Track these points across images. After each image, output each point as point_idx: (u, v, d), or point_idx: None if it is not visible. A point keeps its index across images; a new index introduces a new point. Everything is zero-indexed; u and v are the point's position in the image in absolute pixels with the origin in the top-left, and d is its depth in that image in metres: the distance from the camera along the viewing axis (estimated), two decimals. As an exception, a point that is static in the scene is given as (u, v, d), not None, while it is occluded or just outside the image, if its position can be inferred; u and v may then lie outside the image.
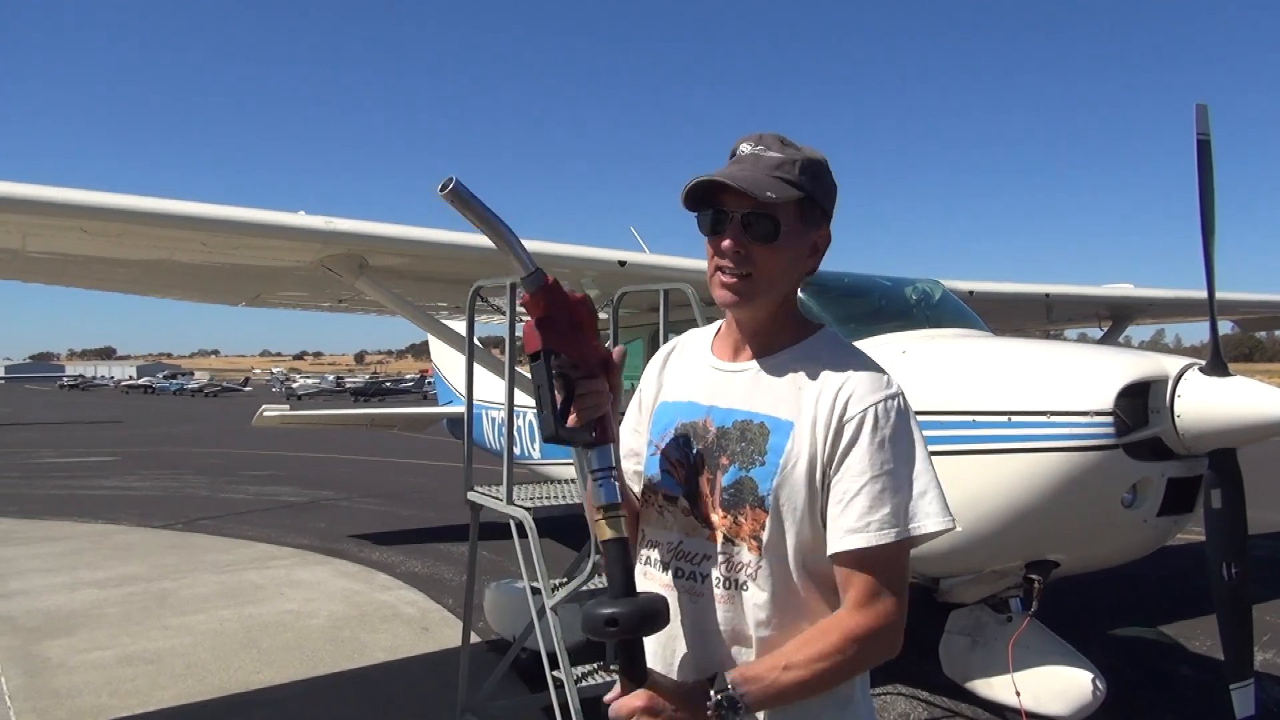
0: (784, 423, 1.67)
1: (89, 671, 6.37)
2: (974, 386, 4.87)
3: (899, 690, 5.82)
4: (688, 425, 1.77)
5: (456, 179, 1.51)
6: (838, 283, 6.49)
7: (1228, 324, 11.76)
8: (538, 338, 1.59)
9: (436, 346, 14.33)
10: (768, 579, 1.66)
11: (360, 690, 6.05)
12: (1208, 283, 4.78)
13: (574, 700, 4.07)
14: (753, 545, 1.66)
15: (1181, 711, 5.42)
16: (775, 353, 1.75)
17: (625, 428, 1.92)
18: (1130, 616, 7.40)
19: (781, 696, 1.60)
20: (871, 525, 1.59)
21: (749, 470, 1.67)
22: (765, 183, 1.63)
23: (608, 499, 1.63)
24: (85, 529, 12.33)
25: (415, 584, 9.00)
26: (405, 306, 5.97)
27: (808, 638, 1.62)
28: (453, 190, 1.51)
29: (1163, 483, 4.47)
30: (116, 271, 6.08)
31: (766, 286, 1.69)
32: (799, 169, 1.66)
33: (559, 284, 1.60)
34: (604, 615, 1.56)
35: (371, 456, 22.30)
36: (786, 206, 1.66)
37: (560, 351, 1.60)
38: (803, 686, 1.59)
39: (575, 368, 1.62)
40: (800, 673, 1.58)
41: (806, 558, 1.66)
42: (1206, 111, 4.61)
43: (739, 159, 1.70)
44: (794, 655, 1.60)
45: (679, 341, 1.93)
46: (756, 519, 1.66)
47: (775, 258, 1.68)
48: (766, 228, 1.66)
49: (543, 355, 1.59)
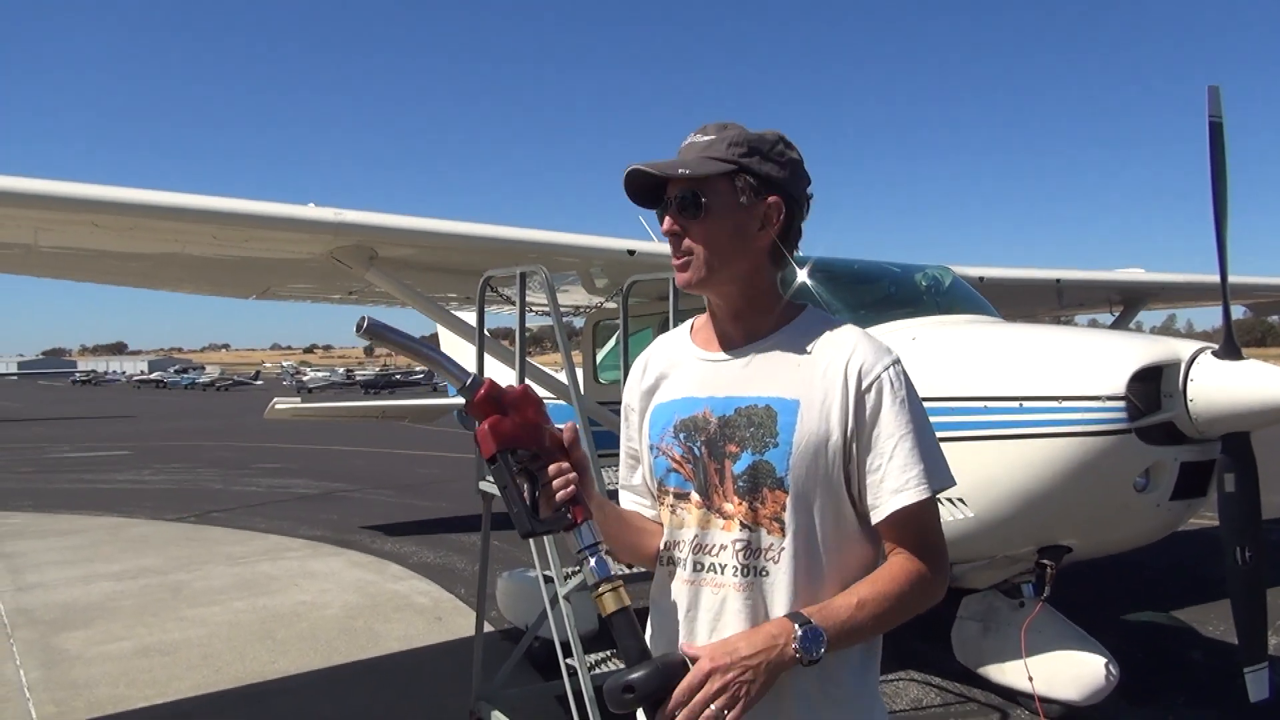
0: (789, 402, 1.69)
1: (106, 663, 6.43)
2: (985, 372, 4.86)
3: (911, 676, 5.83)
4: (687, 420, 1.77)
5: (369, 318, 1.57)
6: (847, 269, 6.48)
7: (1240, 308, 11.70)
8: (491, 441, 1.60)
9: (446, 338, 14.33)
10: (790, 560, 1.67)
11: (375, 679, 6.09)
12: (1220, 266, 4.76)
13: (588, 688, 4.08)
14: (774, 528, 1.67)
15: (1195, 696, 5.41)
16: (764, 335, 1.77)
17: (622, 444, 1.97)
18: (1143, 602, 7.38)
19: (856, 633, 1.62)
20: (911, 482, 1.65)
21: (763, 454, 1.68)
22: (689, 162, 1.71)
23: (600, 574, 1.63)
24: (100, 522, 12.42)
25: (428, 574, 9.05)
26: (415, 298, 5.98)
27: (875, 578, 1.67)
28: (368, 329, 1.57)
29: (1176, 467, 4.46)
30: (127, 265, 6.11)
31: (709, 259, 1.72)
32: (727, 144, 1.72)
33: (495, 383, 1.63)
34: (622, 684, 1.54)
35: (383, 448, 22.39)
36: (713, 181, 1.71)
37: (516, 448, 1.62)
38: (875, 623, 1.63)
39: (535, 458, 1.63)
40: (873, 609, 1.62)
41: (829, 531, 1.69)
42: (1219, 93, 4.58)
43: (680, 149, 1.77)
44: (865, 593, 1.63)
45: (649, 351, 1.95)
46: (777, 500, 1.67)
47: (706, 231, 1.72)
48: (690, 202, 1.71)
49: (499, 457, 1.61)
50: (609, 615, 1.62)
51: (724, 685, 1.52)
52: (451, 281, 6.72)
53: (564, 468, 1.64)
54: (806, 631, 1.56)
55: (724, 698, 1.52)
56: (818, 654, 1.56)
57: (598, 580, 1.62)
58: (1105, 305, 10.03)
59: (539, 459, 1.63)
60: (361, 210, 5.24)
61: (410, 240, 5.49)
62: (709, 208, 1.71)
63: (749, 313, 1.79)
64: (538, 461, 1.63)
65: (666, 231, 1.76)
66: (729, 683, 1.52)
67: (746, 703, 1.53)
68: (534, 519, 1.63)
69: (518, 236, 5.69)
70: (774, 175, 1.74)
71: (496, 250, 5.61)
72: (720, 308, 1.81)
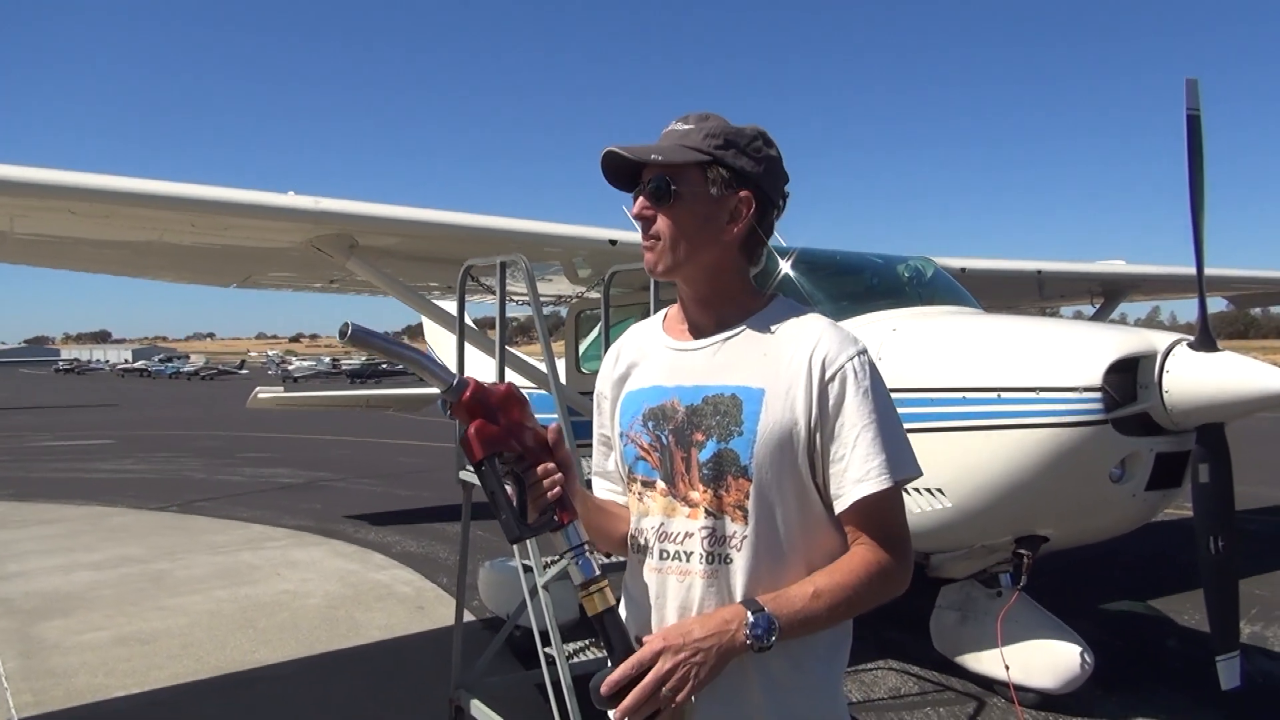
0: (755, 391, 1.70)
1: (85, 652, 6.40)
2: (964, 363, 4.89)
3: (890, 665, 5.87)
4: (655, 409, 1.78)
5: (352, 324, 1.54)
6: (829, 260, 6.51)
7: (1221, 301, 11.78)
8: (478, 446, 1.59)
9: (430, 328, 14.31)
10: (753, 547, 1.68)
11: (356, 668, 6.08)
12: (1197, 259, 4.79)
13: (566, 677, 4.09)
14: (738, 515, 1.69)
15: (1169, 684, 5.47)
16: (732, 325, 1.78)
17: (595, 432, 1.98)
18: (1119, 591, 7.45)
19: (810, 623, 1.62)
20: (873, 472, 1.65)
21: (727, 442, 1.69)
22: (664, 149, 1.73)
23: (586, 575, 1.63)
24: (82, 511, 12.37)
25: (410, 563, 9.04)
26: (396, 287, 5.96)
27: (833, 568, 1.67)
28: (352, 335, 1.55)
29: (1151, 457, 4.50)
30: (105, 253, 6.07)
31: (674, 246, 1.74)
32: (704, 135, 1.73)
33: (481, 385, 1.62)
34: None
35: (367, 438, 22.35)
36: (685, 170, 1.72)
37: (503, 451, 1.61)
38: (830, 613, 1.63)
39: (520, 459, 1.62)
40: (828, 600, 1.62)
41: (793, 520, 1.70)
42: (1197, 86, 4.61)
43: (662, 136, 1.78)
44: (821, 583, 1.64)
45: (623, 340, 1.96)
46: (740, 489, 1.68)
47: (675, 218, 1.73)
48: (661, 189, 1.73)
49: (486, 463, 1.59)
50: (597, 615, 1.63)
51: (674, 666, 1.54)
52: (432, 271, 6.71)
53: (550, 469, 1.64)
54: (759, 619, 1.57)
55: (673, 679, 1.53)
56: (769, 642, 1.57)
57: (585, 580, 1.62)
58: (1086, 297, 10.09)
59: (524, 460, 1.63)
60: (342, 199, 5.23)
61: (391, 229, 5.47)
62: (679, 195, 1.72)
63: (716, 302, 1.80)
64: (523, 463, 1.62)
65: (637, 215, 1.77)
66: (678, 664, 1.54)
67: (695, 685, 1.54)
68: (521, 524, 1.62)
69: (499, 226, 5.69)
70: (748, 170, 1.75)
71: (477, 239, 5.60)
72: (687, 295, 1.82)
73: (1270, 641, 6.28)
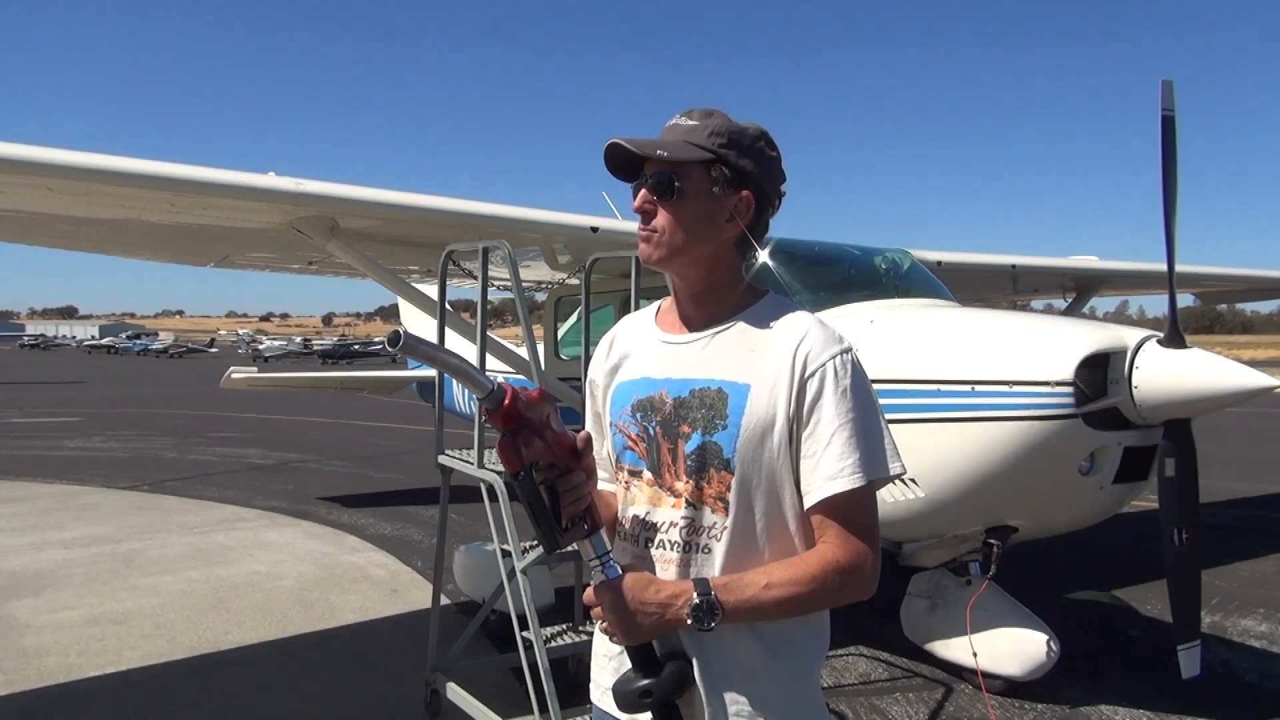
0: (740, 385, 1.74)
1: (56, 632, 6.36)
2: (939, 356, 4.96)
3: (861, 652, 5.96)
4: (644, 400, 1.82)
5: (402, 331, 1.54)
6: (807, 251, 6.56)
7: (1189, 297, 11.98)
8: (517, 457, 1.58)
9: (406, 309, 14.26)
10: (731, 539, 1.72)
11: (330, 651, 6.09)
12: (1168, 257, 4.89)
13: (543, 661, 4.13)
14: (718, 507, 1.73)
15: (1131, 672, 5.60)
16: (723, 320, 1.82)
17: (588, 420, 2.01)
18: (1085, 581, 7.59)
19: (757, 612, 1.67)
20: (845, 470, 1.68)
21: (712, 435, 1.73)
22: (667, 144, 1.75)
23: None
24: (50, 490, 12.23)
25: (384, 546, 9.03)
26: (376, 270, 5.95)
27: (791, 562, 1.70)
28: (404, 344, 1.55)
29: (1119, 451, 4.60)
30: (82, 230, 6.01)
31: (670, 240, 1.77)
32: (709, 133, 1.76)
33: (517, 392, 1.61)
34: (638, 689, 1.65)
35: (340, 419, 22.23)
36: (689, 167, 1.75)
37: (541, 460, 1.61)
38: (779, 605, 1.67)
39: (552, 467, 1.63)
40: (779, 592, 1.66)
41: (773, 514, 1.74)
42: (1171, 87, 4.68)
43: (665, 130, 1.80)
44: (776, 574, 1.68)
45: (617, 329, 1.99)
46: (722, 481, 1.72)
47: (676, 213, 1.76)
48: (664, 184, 1.75)
49: (525, 474, 1.60)
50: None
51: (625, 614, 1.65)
52: (413, 254, 6.70)
53: (579, 477, 1.65)
54: (703, 601, 1.63)
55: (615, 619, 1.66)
56: (709, 624, 1.63)
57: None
58: (1059, 291, 10.24)
59: (555, 468, 1.63)
60: (323, 181, 5.21)
61: (372, 212, 5.46)
62: (681, 191, 1.75)
63: (708, 297, 1.83)
64: (554, 470, 1.63)
65: (638, 207, 1.80)
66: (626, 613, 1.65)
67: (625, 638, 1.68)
68: (560, 534, 1.64)
69: (481, 211, 5.68)
70: (749, 170, 1.78)
71: (459, 224, 5.60)
72: (681, 289, 1.86)
73: (1230, 631, 6.44)
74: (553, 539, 1.63)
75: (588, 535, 1.67)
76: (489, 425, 1.67)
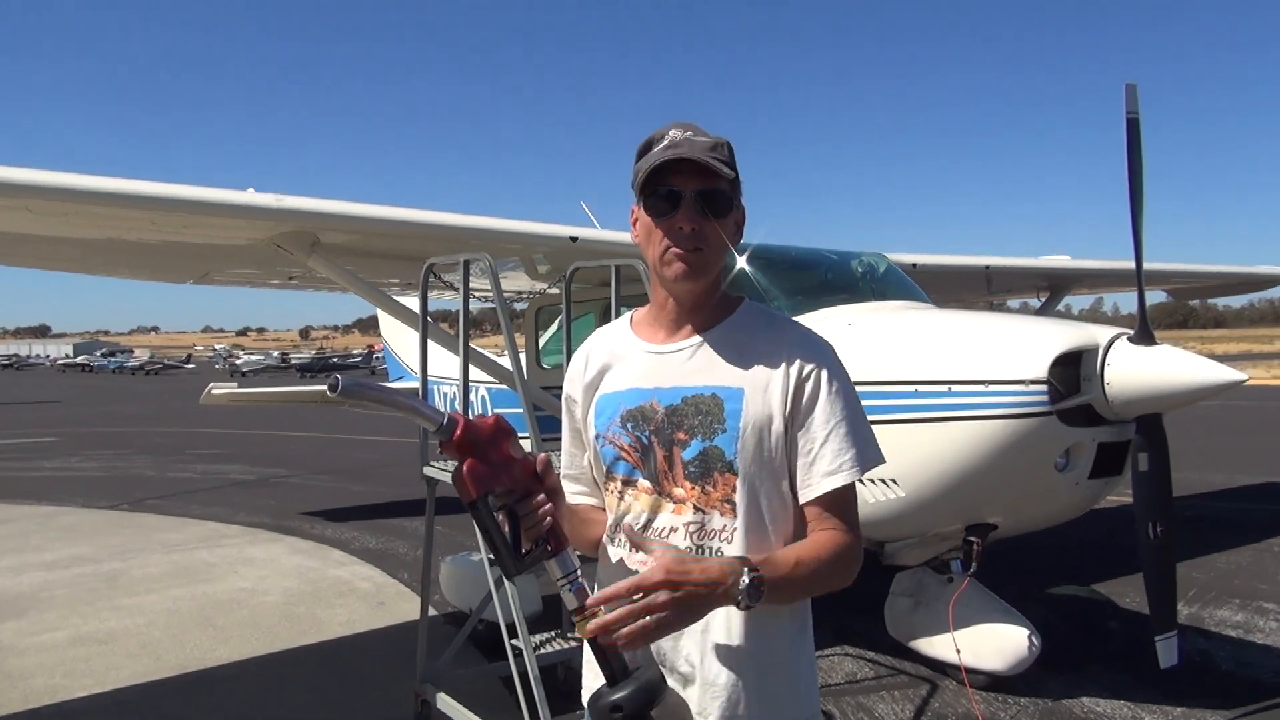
0: (734, 390, 1.80)
1: (41, 653, 6.33)
2: (916, 358, 5.04)
3: (846, 651, 6.02)
4: (634, 410, 1.85)
5: (339, 378, 1.56)
6: (784, 256, 6.62)
7: (1160, 293, 12.17)
8: (471, 484, 1.61)
9: (386, 321, 14.27)
10: (741, 539, 1.77)
11: (318, 665, 6.10)
12: (1136, 257, 5.00)
13: (533, 668, 4.17)
14: (725, 509, 1.78)
15: (1111, 663, 5.69)
16: (709, 328, 1.87)
17: (565, 435, 2.02)
18: (1064, 576, 7.69)
19: (790, 588, 1.71)
20: (844, 466, 1.78)
21: (712, 440, 1.78)
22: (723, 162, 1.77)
23: (579, 601, 1.66)
24: (29, 511, 12.13)
25: (370, 559, 9.03)
26: (357, 283, 5.98)
27: (810, 543, 1.77)
28: (343, 390, 1.57)
29: (1094, 447, 4.68)
30: (62, 251, 5.99)
31: (716, 259, 1.82)
32: (727, 150, 1.81)
33: (470, 422, 1.63)
34: (609, 704, 1.60)
35: (321, 433, 22.14)
36: (731, 183, 1.81)
37: (495, 488, 1.63)
38: (806, 582, 1.73)
39: (512, 493, 1.64)
40: (805, 570, 1.72)
41: (776, 510, 1.81)
42: (1135, 90, 4.79)
43: (675, 143, 1.76)
44: (802, 553, 1.74)
45: (591, 344, 2.01)
46: (727, 483, 1.78)
47: (724, 230, 1.81)
48: (721, 203, 1.78)
49: (480, 502, 1.61)
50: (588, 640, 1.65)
51: (667, 601, 1.56)
52: (394, 267, 6.72)
53: (541, 500, 1.66)
54: (754, 579, 1.61)
55: (664, 614, 1.57)
56: (755, 601, 1.61)
57: (579, 605, 1.65)
58: (1033, 290, 10.39)
59: (515, 493, 1.64)
60: (303, 196, 5.23)
61: (352, 226, 5.48)
62: (735, 207, 1.84)
63: (704, 307, 1.88)
64: (514, 495, 1.64)
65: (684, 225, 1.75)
66: (670, 601, 1.56)
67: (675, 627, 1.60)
68: (516, 559, 1.65)
69: (460, 223, 5.72)
70: (739, 184, 1.86)
71: (439, 237, 5.63)
72: (687, 301, 1.86)
73: (1207, 622, 6.55)
74: (510, 566, 1.65)
75: (552, 556, 1.67)
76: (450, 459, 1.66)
